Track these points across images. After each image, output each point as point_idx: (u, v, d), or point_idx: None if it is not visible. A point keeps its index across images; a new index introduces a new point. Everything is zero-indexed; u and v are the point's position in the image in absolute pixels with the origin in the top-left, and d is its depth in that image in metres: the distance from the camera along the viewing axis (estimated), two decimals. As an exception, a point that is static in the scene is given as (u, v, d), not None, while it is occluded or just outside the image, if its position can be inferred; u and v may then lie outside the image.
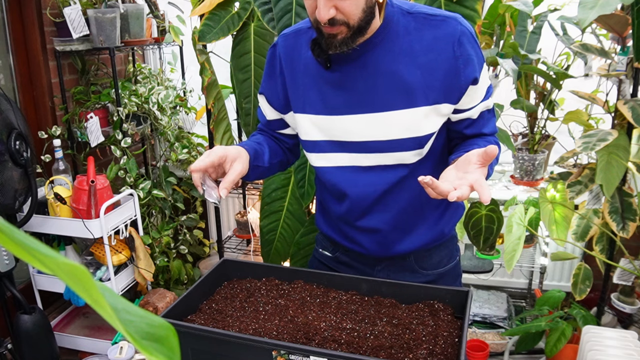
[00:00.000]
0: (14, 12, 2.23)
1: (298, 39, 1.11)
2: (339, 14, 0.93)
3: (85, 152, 2.41)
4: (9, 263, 1.89)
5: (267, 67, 1.17)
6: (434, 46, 1.00)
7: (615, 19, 1.66)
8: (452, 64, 1.00)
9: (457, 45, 1.00)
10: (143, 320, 0.28)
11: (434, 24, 1.01)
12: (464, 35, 1.00)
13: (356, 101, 1.06)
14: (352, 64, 1.04)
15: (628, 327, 2.13)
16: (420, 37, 1.01)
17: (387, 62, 1.02)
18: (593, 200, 1.92)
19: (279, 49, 1.13)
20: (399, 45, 1.02)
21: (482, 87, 1.06)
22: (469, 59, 1.01)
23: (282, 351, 0.88)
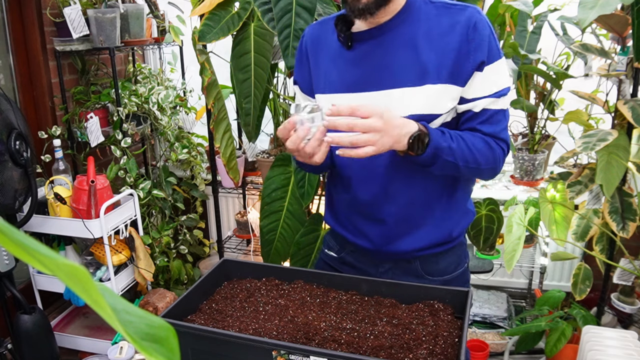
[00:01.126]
0: (14, 12, 2.23)
1: (323, 27, 1.17)
2: None
3: (85, 152, 2.41)
4: (9, 263, 1.89)
5: (296, 57, 1.23)
6: (450, 30, 1.03)
7: (615, 19, 1.66)
8: (464, 46, 1.02)
9: (472, 29, 1.02)
10: (143, 321, 0.28)
11: (453, 11, 1.05)
12: (480, 22, 1.03)
13: (371, 78, 1.08)
14: (371, 42, 1.08)
15: (628, 327, 2.13)
16: (439, 23, 1.04)
17: (404, 43, 1.05)
18: (593, 200, 1.92)
19: (306, 38, 1.19)
20: (418, 29, 1.05)
21: (490, 79, 1.05)
22: (480, 43, 1.03)
23: (282, 351, 0.88)
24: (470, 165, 1.05)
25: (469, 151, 1.04)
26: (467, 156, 1.04)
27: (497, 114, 1.08)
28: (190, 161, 2.69)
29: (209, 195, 2.78)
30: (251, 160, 2.65)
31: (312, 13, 1.63)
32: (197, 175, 2.78)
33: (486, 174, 1.11)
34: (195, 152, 2.70)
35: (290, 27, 1.63)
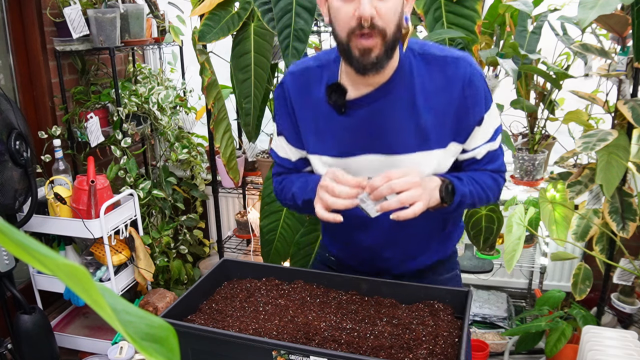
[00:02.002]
0: (14, 12, 2.23)
1: (307, 77, 1.10)
2: (379, 18, 0.93)
3: (85, 152, 2.41)
4: (9, 263, 1.89)
5: (278, 106, 1.16)
6: (445, 87, 1.02)
7: (615, 19, 1.66)
8: (462, 104, 1.02)
9: (468, 85, 1.02)
10: (143, 321, 0.28)
11: (445, 65, 1.03)
12: (474, 76, 1.03)
13: (371, 143, 1.07)
14: (367, 108, 1.05)
15: (628, 327, 2.13)
16: (432, 79, 1.03)
17: (402, 107, 1.04)
18: (593, 200, 1.92)
19: (290, 88, 1.12)
20: (412, 88, 1.03)
21: (488, 128, 1.07)
22: (478, 99, 1.03)
23: (282, 351, 0.88)
24: (483, 201, 1.09)
25: (482, 191, 1.08)
26: (482, 195, 1.08)
27: (496, 151, 1.11)
28: (190, 161, 2.69)
29: (209, 195, 2.78)
30: (251, 160, 2.65)
31: (312, 13, 1.63)
32: (197, 175, 2.78)
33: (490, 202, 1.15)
34: (195, 152, 2.70)
35: (290, 27, 1.63)
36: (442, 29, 1.71)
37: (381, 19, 0.93)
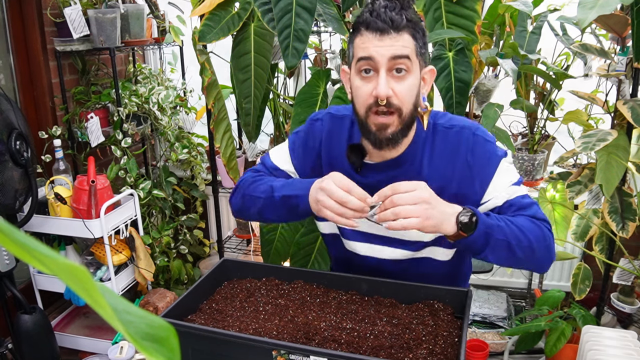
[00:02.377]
0: (15, 12, 2.23)
1: (341, 126, 1.15)
2: (395, 97, 0.99)
3: (85, 152, 2.41)
4: (9, 263, 1.89)
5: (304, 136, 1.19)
6: (449, 157, 1.08)
7: (615, 19, 1.66)
8: (465, 171, 1.07)
9: (470, 154, 1.07)
10: (143, 321, 0.28)
11: (450, 135, 1.09)
12: (477, 144, 1.07)
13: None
14: (382, 174, 1.10)
15: (628, 327, 2.13)
16: (441, 150, 1.09)
17: (413, 175, 1.07)
18: (593, 200, 1.92)
19: (324, 126, 1.17)
20: (422, 159, 1.09)
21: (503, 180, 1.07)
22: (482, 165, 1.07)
23: (282, 351, 0.88)
24: (523, 244, 1.00)
25: (517, 229, 1.00)
26: (517, 233, 1.00)
27: (524, 198, 1.08)
28: (190, 161, 2.69)
29: (209, 195, 2.79)
30: (251, 160, 2.66)
31: (312, 13, 1.63)
32: (197, 175, 2.78)
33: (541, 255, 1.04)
34: (195, 152, 2.70)
35: (290, 27, 1.63)
36: (442, 29, 1.71)
37: (397, 98, 1.00)
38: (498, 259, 1.02)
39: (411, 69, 1.00)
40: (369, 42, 0.99)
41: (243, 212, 1.18)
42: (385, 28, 0.98)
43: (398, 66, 0.99)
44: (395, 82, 1.00)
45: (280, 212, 1.09)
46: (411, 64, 1.00)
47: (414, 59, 1.01)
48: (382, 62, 0.99)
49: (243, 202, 1.16)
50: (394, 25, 0.98)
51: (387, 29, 0.98)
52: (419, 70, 1.03)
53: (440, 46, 1.71)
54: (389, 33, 0.98)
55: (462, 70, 1.69)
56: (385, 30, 0.98)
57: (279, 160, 1.22)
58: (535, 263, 1.06)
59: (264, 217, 1.14)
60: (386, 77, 0.99)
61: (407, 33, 0.99)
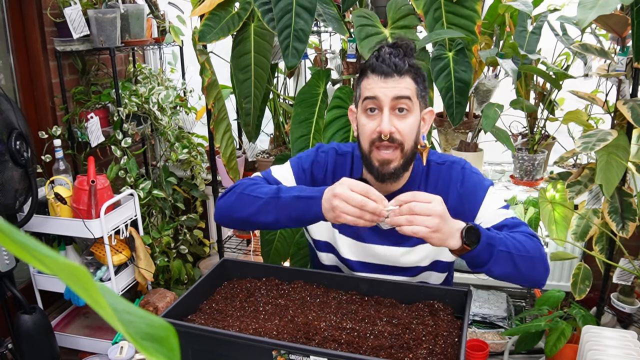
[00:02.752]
0: (15, 12, 2.23)
1: (344, 161, 1.26)
2: (398, 133, 1.11)
3: (85, 152, 2.41)
4: (9, 263, 1.89)
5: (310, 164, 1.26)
6: (443, 189, 1.19)
7: (615, 19, 1.66)
8: (458, 202, 1.18)
9: (461, 185, 1.20)
10: (143, 321, 0.28)
11: (442, 171, 1.22)
12: (466, 177, 1.21)
13: (380, 236, 1.22)
14: None
15: (628, 327, 2.13)
16: (435, 183, 1.22)
17: None
18: (593, 200, 1.92)
19: (329, 159, 1.26)
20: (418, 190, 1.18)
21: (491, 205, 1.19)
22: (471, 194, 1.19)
23: (282, 351, 0.88)
24: (523, 254, 1.05)
25: (517, 241, 1.07)
26: (517, 245, 1.06)
27: (514, 219, 1.16)
28: (190, 161, 2.69)
29: (209, 195, 2.79)
30: (251, 160, 2.66)
31: (312, 13, 1.63)
32: (197, 175, 2.78)
33: (540, 267, 1.10)
34: (195, 152, 2.70)
35: (290, 27, 1.63)
36: (442, 29, 1.71)
37: (400, 134, 1.11)
38: (502, 271, 1.05)
39: (412, 109, 1.12)
40: (375, 83, 1.11)
41: (230, 214, 1.17)
42: (390, 72, 1.10)
43: (400, 105, 1.10)
44: (397, 120, 1.11)
45: (283, 214, 1.09)
46: (412, 104, 1.11)
47: (415, 100, 1.12)
48: (385, 101, 1.10)
49: (235, 202, 1.15)
50: (397, 70, 1.10)
51: (391, 72, 1.10)
52: (419, 111, 1.14)
53: (440, 46, 1.71)
54: (392, 76, 1.10)
55: (462, 70, 1.70)
56: (389, 73, 1.10)
57: (281, 177, 1.25)
58: (535, 275, 1.10)
59: (255, 219, 1.13)
60: (389, 115, 1.10)
61: (409, 77, 1.11)
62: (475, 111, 2.15)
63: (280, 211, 1.09)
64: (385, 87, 1.10)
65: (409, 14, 1.77)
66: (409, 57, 1.13)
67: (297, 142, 1.84)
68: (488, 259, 1.02)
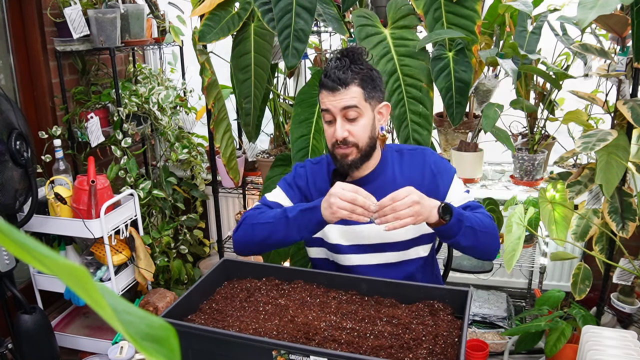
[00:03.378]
0: (15, 12, 2.23)
1: (320, 167, 1.44)
2: (351, 136, 1.27)
3: (85, 152, 2.41)
4: (9, 263, 1.89)
5: (293, 178, 1.44)
6: (418, 170, 1.37)
7: (615, 19, 1.66)
8: (432, 180, 1.36)
9: (434, 165, 1.38)
10: (143, 321, 0.28)
11: (415, 155, 1.40)
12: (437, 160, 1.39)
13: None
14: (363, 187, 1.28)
15: (628, 327, 2.13)
16: (409, 165, 1.39)
17: (387, 186, 1.31)
18: (593, 200, 1.92)
19: (307, 171, 1.44)
20: (394, 173, 1.38)
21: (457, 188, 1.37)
22: (443, 175, 1.37)
23: (282, 351, 0.88)
24: (483, 230, 1.25)
25: (478, 219, 1.26)
26: (479, 222, 1.25)
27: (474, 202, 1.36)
28: (190, 161, 2.69)
29: (209, 195, 2.79)
30: (251, 160, 2.66)
31: (312, 13, 1.63)
32: (197, 175, 2.78)
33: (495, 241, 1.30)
34: (195, 152, 2.70)
35: (290, 27, 1.63)
36: (442, 29, 1.71)
37: (353, 136, 1.28)
38: (467, 242, 1.24)
39: (362, 113, 1.27)
40: (326, 98, 1.28)
41: (248, 243, 1.33)
42: (335, 86, 1.25)
43: (349, 112, 1.26)
44: (349, 124, 1.27)
45: (293, 228, 1.25)
46: (360, 110, 1.27)
47: (363, 104, 1.27)
48: (336, 112, 1.27)
49: (250, 232, 1.31)
50: (341, 82, 1.24)
51: (336, 86, 1.25)
52: (370, 111, 1.29)
53: (440, 46, 1.72)
54: (338, 90, 1.25)
55: (462, 70, 1.70)
56: (335, 88, 1.25)
57: (277, 199, 1.41)
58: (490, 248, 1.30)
59: (270, 240, 1.29)
60: (342, 122, 1.27)
61: (355, 85, 1.25)
62: (475, 111, 2.15)
63: (290, 227, 1.25)
64: (334, 100, 1.26)
65: (409, 14, 1.77)
66: (356, 64, 1.26)
67: (297, 142, 1.84)
68: (457, 232, 1.21)
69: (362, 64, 1.28)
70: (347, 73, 1.25)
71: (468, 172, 2.11)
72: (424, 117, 1.74)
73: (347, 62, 1.26)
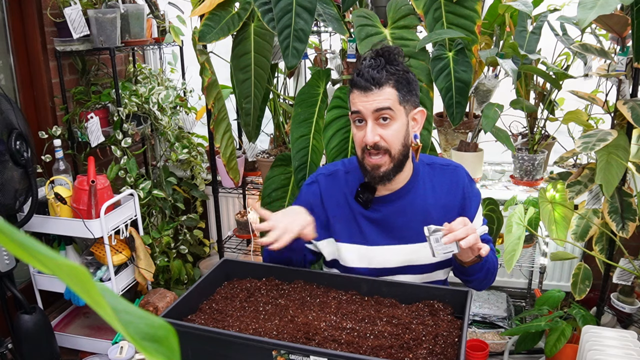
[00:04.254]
0: (15, 12, 2.23)
1: (336, 179, 1.34)
2: (383, 140, 1.18)
3: (85, 152, 2.41)
4: (9, 263, 1.89)
5: (304, 199, 1.35)
6: (450, 189, 1.30)
7: (615, 19, 1.66)
8: (463, 202, 1.30)
9: (467, 188, 1.31)
10: (143, 321, 0.28)
11: (448, 172, 1.32)
12: (470, 182, 1.33)
13: (393, 235, 1.29)
14: (390, 206, 1.28)
15: (628, 327, 2.13)
16: (441, 183, 1.31)
17: (418, 204, 1.28)
18: (593, 200, 1.92)
19: (321, 186, 1.34)
20: (425, 190, 1.29)
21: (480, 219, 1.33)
22: (472, 198, 1.31)
23: (282, 351, 0.88)
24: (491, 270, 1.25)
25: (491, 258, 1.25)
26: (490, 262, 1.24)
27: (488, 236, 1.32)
28: (190, 161, 2.69)
29: (209, 195, 2.79)
30: (251, 160, 2.66)
31: (312, 13, 1.63)
32: (197, 175, 2.78)
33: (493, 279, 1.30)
34: (195, 152, 2.70)
35: (290, 27, 1.63)
36: (442, 29, 1.71)
37: (385, 142, 1.18)
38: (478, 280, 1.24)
39: (395, 117, 1.18)
40: (357, 98, 1.19)
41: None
42: (368, 86, 1.16)
43: (383, 116, 1.17)
44: (381, 128, 1.18)
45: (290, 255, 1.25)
46: (394, 113, 1.18)
47: (397, 107, 1.18)
48: (368, 114, 1.18)
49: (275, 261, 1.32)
50: (375, 82, 1.16)
51: (369, 86, 1.16)
52: (404, 115, 1.20)
53: (440, 46, 1.71)
54: (371, 90, 1.16)
55: (462, 70, 1.70)
56: (368, 87, 1.16)
57: None
58: (486, 285, 1.29)
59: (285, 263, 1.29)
60: (373, 125, 1.18)
61: (389, 86, 1.17)
62: (475, 111, 2.15)
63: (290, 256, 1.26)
64: (366, 101, 1.17)
65: (409, 14, 1.77)
66: (392, 64, 1.18)
67: (297, 142, 1.84)
68: (481, 269, 1.20)
69: (398, 64, 1.19)
70: (381, 73, 1.16)
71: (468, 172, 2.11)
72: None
73: (383, 62, 1.18)
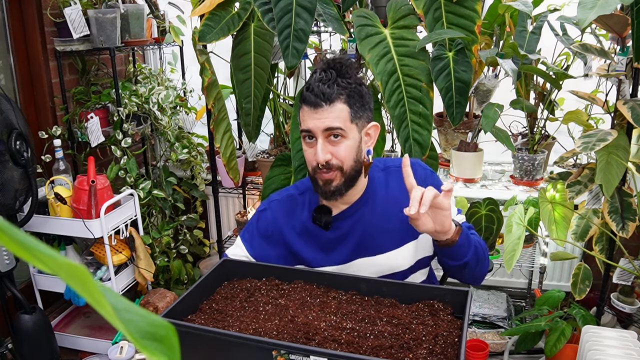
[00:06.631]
0: (15, 12, 2.23)
1: (292, 203, 1.28)
2: (334, 158, 1.14)
3: (85, 152, 2.41)
4: (9, 263, 1.89)
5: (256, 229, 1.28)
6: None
7: (615, 19, 1.66)
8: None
9: (428, 177, 1.24)
10: (143, 320, 0.28)
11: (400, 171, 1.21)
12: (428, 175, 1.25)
13: (361, 249, 1.24)
14: (348, 220, 1.23)
15: (628, 327, 2.13)
16: (399, 183, 1.19)
17: (377, 213, 1.23)
18: (593, 200, 1.92)
19: (275, 213, 1.28)
20: (382, 197, 1.24)
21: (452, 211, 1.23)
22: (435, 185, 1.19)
23: (282, 351, 0.88)
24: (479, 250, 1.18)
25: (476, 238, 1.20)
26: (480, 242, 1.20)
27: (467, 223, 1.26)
28: (190, 161, 2.69)
29: (209, 195, 2.79)
30: (251, 160, 2.66)
31: (312, 13, 1.63)
32: (197, 175, 2.78)
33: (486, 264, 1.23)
34: (195, 152, 2.70)
35: (290, 27, 1.63)
36: (442, 29, 1.71)
37: (336, 159, 1.14)
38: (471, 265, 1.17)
39: (347, 135, 1.13)
40: (307, 115, 1.13)
41: None
42: (318, 102, 1.10)
43: (334, 133, 1.12)
44: (332, 146, 1.13)
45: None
46: (345, 130, 1.12)
47: (348, 126, 1.12)
48: (318, 132, 1.12)
49: None
50: (325, 98, 1.10)
51: (319, 102, 1.10)
52: (356, 132, 1.15)
53: (440, 46, 1.72)
54: (322, 106, 1.10)
55: (462, 70, 1.70)
56: (318, 104, 1.10)
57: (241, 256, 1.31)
58: (481, 270, 1.22)
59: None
60: (324, 143, 1.12)
61: (341, 102, 1.11)
62: (475, 111, 2.15)
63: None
64: (316, 118, 1.11)
65: (409, 14, 1.77)
66: (343, 78, 1.12)
67: (297, 142, 1.84)
68: (467, 250, 1.14)
69: (350, 77, 1.13)
70: (332, 87, 1.10)
71: (468, 172, 2.11)
72: (424, 117, 1.74)
73: (334, 75, 1.11)
